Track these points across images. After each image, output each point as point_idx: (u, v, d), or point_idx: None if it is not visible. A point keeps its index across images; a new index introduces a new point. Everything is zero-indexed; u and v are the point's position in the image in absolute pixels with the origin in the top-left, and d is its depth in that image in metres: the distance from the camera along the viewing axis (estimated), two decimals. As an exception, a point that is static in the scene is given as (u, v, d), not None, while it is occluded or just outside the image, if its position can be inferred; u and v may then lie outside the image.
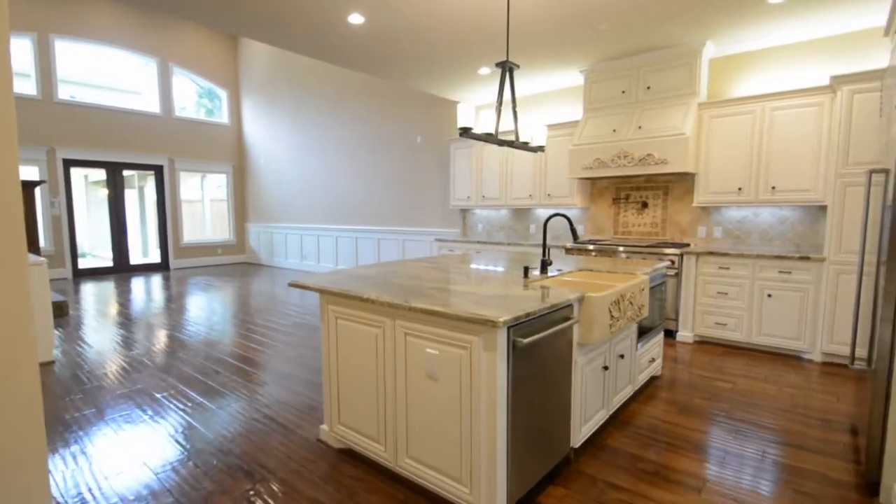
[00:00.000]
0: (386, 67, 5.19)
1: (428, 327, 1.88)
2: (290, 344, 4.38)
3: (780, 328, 3.86)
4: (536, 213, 6.08)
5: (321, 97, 8.81)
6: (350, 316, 2.23)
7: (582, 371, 2.28)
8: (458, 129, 2.86)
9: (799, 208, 4.15)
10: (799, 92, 3.83)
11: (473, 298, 1.97)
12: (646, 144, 4.42)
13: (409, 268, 2.96)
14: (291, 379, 3.49)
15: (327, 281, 2.42)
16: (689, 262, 4.25)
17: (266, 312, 5.73)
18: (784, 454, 2.39)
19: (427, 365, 1.90)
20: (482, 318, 1.65)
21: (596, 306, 2.17)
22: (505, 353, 1.74)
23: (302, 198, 9.54)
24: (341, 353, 2.31)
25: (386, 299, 1.98)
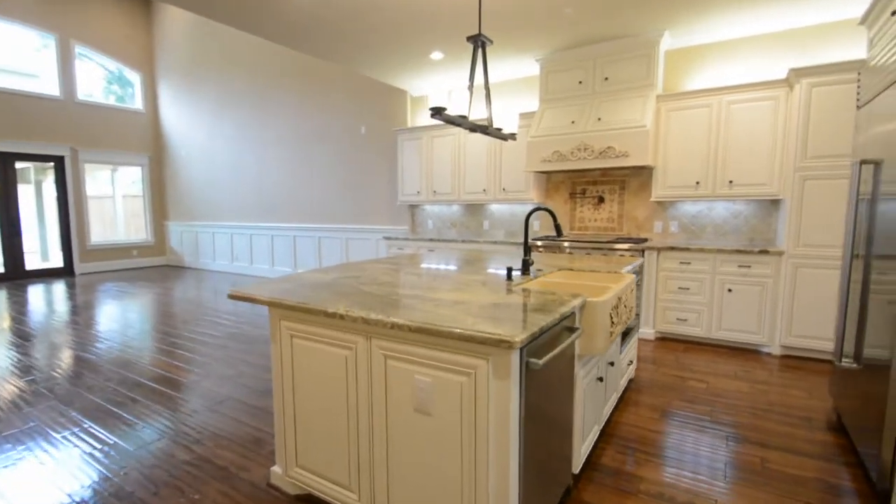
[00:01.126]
0: (327, 47, 4.64)
1: (417, 349, 1.49)
2: (226, 360, 3.74)
3: (739, 322, 3.84)
4: (490, 208, 5.80)
5: (252, 83, 7.95)
6: (311, 335, 1.79)
7: (582, 386, 1.98)
8: (430, 110, 2.50)
9: (752, 202, 4.17)
10: (755, 85, 3.81)
11: (466, 309, 1.59)
12: (606, 137, 4.26)
13: (372, 271, 2.52)
14: (229, 404, 2.92)
15: (279, 290, 1.94)
16: (650, 258, 4.15)
17: (193, 323, 4.97)
18: (781, 461, 2.25)
19: (416, 395, 1.51)
20: (494, 337, 1.28)
21: (599, 313, 1.88)
22: (518, 378, 1.39)
23: (232, 193, 8.61)
24: (299, 379, 1.85)
25: (359, 313, 1.56)
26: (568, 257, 3.27)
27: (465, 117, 2.68)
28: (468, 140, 5.50)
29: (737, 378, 3.28)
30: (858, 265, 2.34)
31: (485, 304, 1.67)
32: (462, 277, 2.30)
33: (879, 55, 2.26)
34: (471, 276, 2.36)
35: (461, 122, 2.72)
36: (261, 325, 4.85)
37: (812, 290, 3.53)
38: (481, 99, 5.61)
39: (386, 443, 1.62)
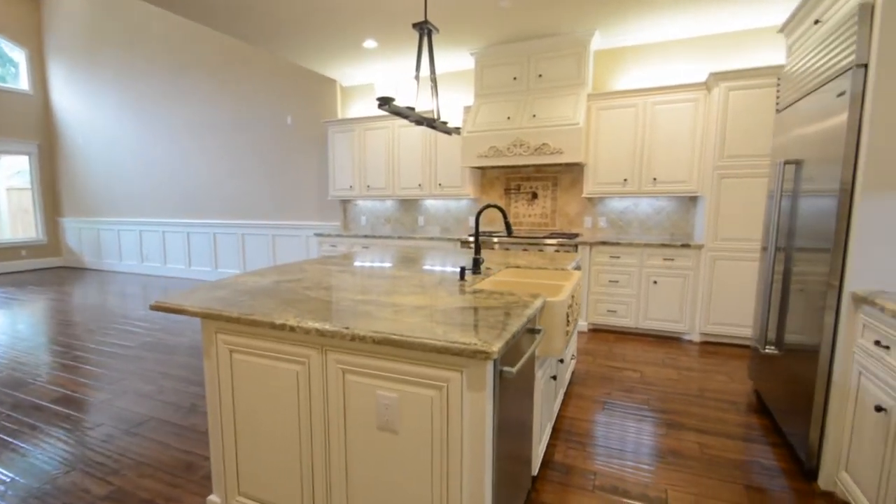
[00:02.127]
0: (251, 30, 4.15)
1: (381, 362, 1.31)
2: (142, 374, 3.23)
3: (664, 312, 3.98)
4: (425, 204, 5.60)
5: (164, 65, 7.04)
6: (254, 349, 1.54)
7: (540, 387, 1.85)
8: (378, 100, 2.28)
9: (673, 199, 4.34)
10: (677, 87, 3.94)
11: (430, 315, 1.41)
12: (541, 133, 4.21)
13: (315, 273, 2.23)
14: (150, 426, 2.49)
15: (212, 299, 1.65)
16: (582, 253, 4.18)
17: (99, 332, 4.26)
18: (718, 445, 2.28)
19: (379, 412, 1.33)
20: (470, 347, 1.13)
21: (557, 313, 1.75)
22: (492, 388, 1.23)
23: (140, 186, 7.61)
24: (241, 398, 1.59)
25: (313, 325, 1.33)
26: (506, 253, 3.16)
27: (412, 109, 2.46)
28: (402, 133, 5.24)
29: (665, 366, 3.37)
30: (780, 257, 2.44)
31: (448, 309, 1.50)
32: (414, 278, 2.09)
33: (798, 63, 2.35)
34: (422, 276, 2.15)
35: (409, 113, 2.50)
36: (179, 331, 4.28)
37: (728, 281, 3.73)
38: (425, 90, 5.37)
39: (345, 465, 1.42)
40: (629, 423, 2.51)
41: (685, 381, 3.09)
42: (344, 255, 3.07)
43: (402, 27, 4.06)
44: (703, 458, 2.17)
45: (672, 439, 2.34)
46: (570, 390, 2.93)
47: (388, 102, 2.33)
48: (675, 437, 2.36)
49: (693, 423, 2.52)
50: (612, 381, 3.09)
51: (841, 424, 1.84)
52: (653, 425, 2.49)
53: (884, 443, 1.54)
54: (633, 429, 2.45)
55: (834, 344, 1.86)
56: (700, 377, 3.16)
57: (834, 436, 1.87)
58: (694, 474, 2.04)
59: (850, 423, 1.78)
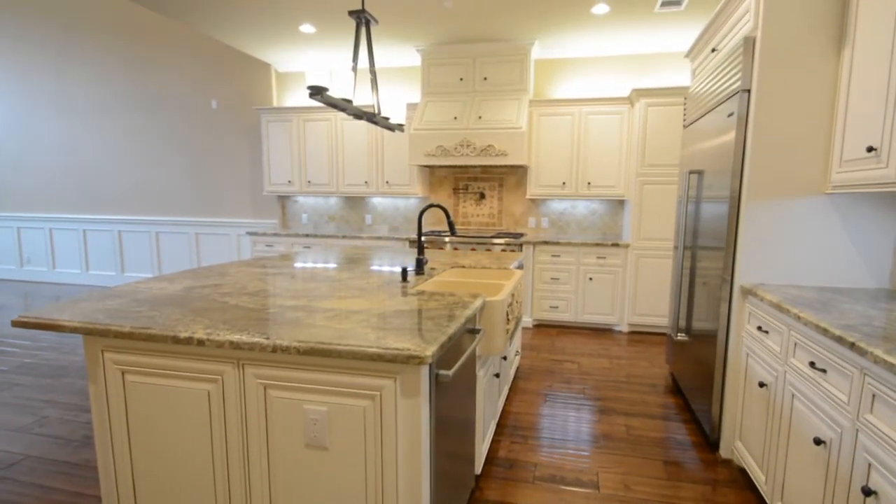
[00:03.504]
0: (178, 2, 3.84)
1: (307, 373, 1.27)
2: (17, 404, 2.77)
3: (598, 306, 4.34)
4: (372, 202, 5.65)
5: (55, 31, 6.04)
6: (154, 368, 1.40)
7: (482, 386, 2.02)
8: (308, 88, 2.18)
9: (605, 202, 4.72)
10: (605, 100, 4.30)
11: (366, 320, 1.45)
12: (487, 135, 4.43)
13: (239, 277, 2.18)
14: (25, 466, 2.13)
15: (99, 311, 1.50)
16: (527, 252, 4.45)
17: None
18: (640, 426, 2.58)
19: (307, 429, 1.29)
20: (403, 353, 1.16)
21: (497, 312, 1.93)
22: (428, 393, 1.31)
23: (17, 173, 6.53)
24: (138, 427, 1.45)
25: (226, 336, 1.26)
26: (454, 253, 3.33)
27: (349, 101, 2.48)
28: (346, 127, 5.18)
29: (599, 356, 3.70)
30: (688, 255, 2.78)
31: (386, 313, 1.55)
32: (353, 280, 2.16)
33: (700, 85, 2.69)
34: (363, 278, 2.24)
35: (345, 106, 2.49)
36: (71, 349, 3.74)
37: (650, 277, 4.14)
38: (366, 83, 5.40)
39: (269, 491, 1.37)
40: (568, 413, 2.76)
41: (615, 368, 3.42)
42: (282, 255, 3.00)
43: (342, 14, 3.96)
44: (628, 439, 2.45)
45: (604, 424, 2.61)
46: (515, 385, 3.15)
47: (320, 92, 2.22)
48: (606, 423, 2.63)
49: (621, 407, 2.82)
50: (554, 373, 3.36)
51: (735, 400, 2.17)
52: (588, 413, 2.76)
53: (766, 414, 1.86)
54: (571, 418, 2.70)
55: (728, 330, 2.18)
56: (627, 364, 3.50)
57: (730, 410, 2.20)
58: (621, 455, 2.30)
59: (742, 399, 2.11)
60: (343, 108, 2.52)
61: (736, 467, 2.18)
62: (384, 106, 3.01)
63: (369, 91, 5.24)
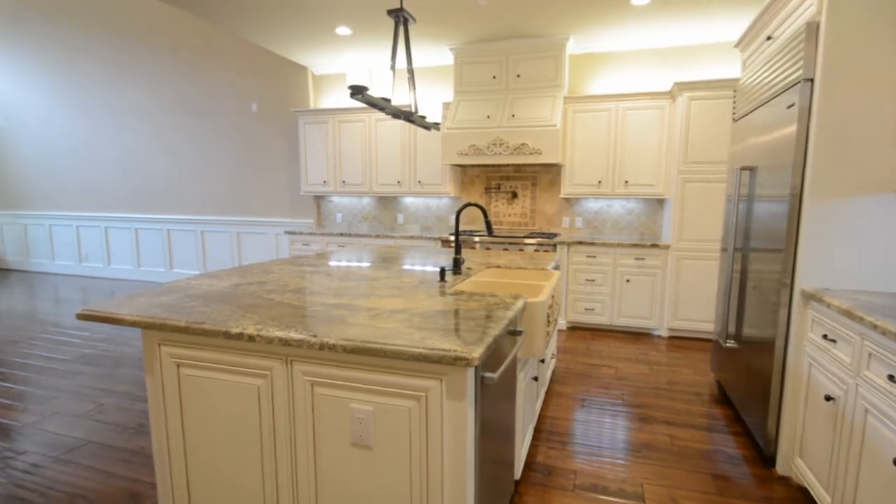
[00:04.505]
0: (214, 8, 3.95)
1: (353, 372, 1.27)
2: (78, 392, 2.92)
3: (636, 309, 4.18)
4: (405, 201, 5.65)
5: (111, 39, 6.36)
6: (206, 362, 1.43)
7: (522, 389, 1.96)
8: (349, 88, 2.19)
9: (644, 201, 4.55)
10: (644, 94, 4.14)
11: (408, 320, 1.42)
12: (520, 133, 4.34)
13: (281, 274, 2.20)
14: (87, 451, 2.24)
15: (155, 306, 1.55)
16: (562, 252, 4.34)
17: (25, 344, 3.82)
18: (686, 437, 2.45)
19: (353, 427, 1.29)
20: (450, 354, 1.13)
21: (538, 313, 1.86)
22: (473, 396, 1.27)
23: (77, 176, 6.94)
24: (192, 419, 1.49)
25: (276, 333, 1.28)
26: (487, 253, 3.27)
27: (388, 100, 2.47)
28: (379, 128, 5.23)
29: (638, 361, 3.56)
30: (738, 257, 2.63)
31: (427, 313, 1.53)
32: (391, 280, 2.14)
33: (752, 76, 2.53)
34: (400, 277, 2.21)
35: (384, 105, 2.49)
36: (126, 341, 3.91)
37: (692, 279, 3.96)
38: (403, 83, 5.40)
39: (315, 486, 1.37)
40: (606, 420, 2.65)
41: (655, 375, 3.28)
42: (318, 254, 3.02)
43: (378, 15, 3.97)
44: (673, 450, 2.33)
45: (645, 433, 2.50)
46: (550, 389, 3.07)
47: (361, 92, 2.22)
48: (647, 431, 2.52)
49: (663, 415, 2.69)
50: (590, 378, 3.25)
51: (795, 413, 2.02)
52: (627, 420, 2.64)
53: (833, 430, 1.72)
54: (609, 425, 2.59)
55: (787, 338, 2.04)
56: (668, 371, 3.35)
57: (789, 424, 2.05)
58: (666, 466, 2.19)
59: (803, 412, 1.96)
60: (382, 108, 2.51)
61: (795, 485, 2.03)
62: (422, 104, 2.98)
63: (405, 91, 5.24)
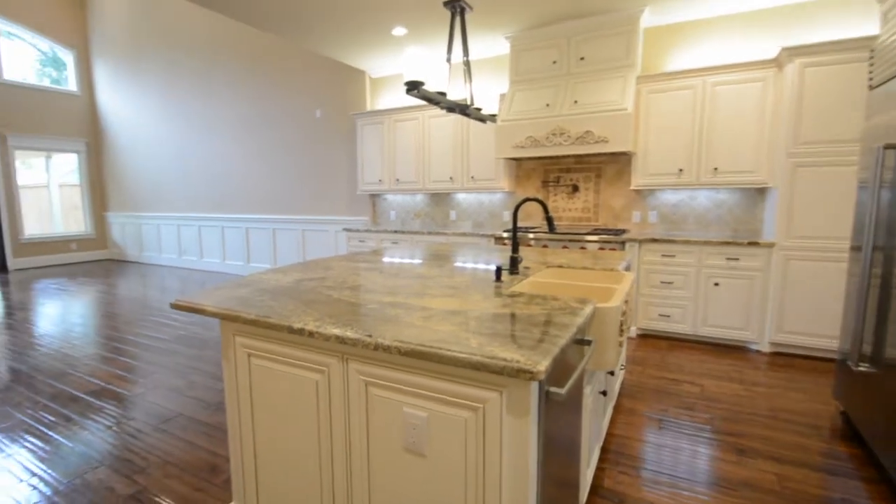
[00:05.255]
0: (277, 21, 4.06)
1: (407, 375, 1.15)
2: (175, 368, 3.25)
3: (726, 318, 3.59)
4: (457, 198, 5.38)
5: (198, 62, 7.16)
6: (272, 354, 1.42)
7: (588, 405, 1.61)
8: (406, 84, 2.16)
9: (737, 191, 3.93)
10: (742, 66, 3.54)
11: (464, 323, 1.24)
12: (584, 120, 3.91)
13: (340, 271, 2.09)
14: (179, 422, 2.48)
15: (232, 299, 1.56)
16: (631, 251, 3.85)
17: (138, 325, 4.38)
18: (799, 478, 1.95)
19: (406, 432, 1.17)
20: (512, 365, 0.96)
21: (610, 321, 1.49)
22: (537, 413, 1.05)
23: (178, 181, 7.80)
24: (259, 407, 1.49)
25: (333, 330, 1.20)
26: (545, 251, 2.90)
27: (443, 94, 2.29)
28: (433, 124, 5.05)
29: (730, 379, 3.01)
30: (878, 258, 2.07)
31: (484, 316, 1.31)
32: (445, 278, 1.90)
33: (903, 22, 1.97)
34: (454, 276, 1.95)
35: (440, 99, 2.36)
36: (212, 325, 4.33)
37: (804, 284, 3.30)
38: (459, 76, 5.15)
39: (368, 487, 1.27)
40: (688, 445, 2.21)
41: (754, 398, 2.74)
42: (373, 251, 2.92)
43: (433, 11, 3.84)
44: (781, 493, 1.85)
45: (744, 468, 2.03)
46: (619, 404, 2.65)
47: (416, 87, 2.19)
48: (746, 466, 2.05)
49: (767, 449, 2.19)
50: (668, 394, 2.78)
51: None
52: (718, 450, 2.18)
53: None
54: (694, 453, 2.15)
55: (962, 365, 1.51)
56: (771, 394, 2.79)
57: (960, 479, 1.52)
58: (772, 514, 1.74)
59: None
60: (437, 102, 2.37)
61: (969, 564, 1.51)
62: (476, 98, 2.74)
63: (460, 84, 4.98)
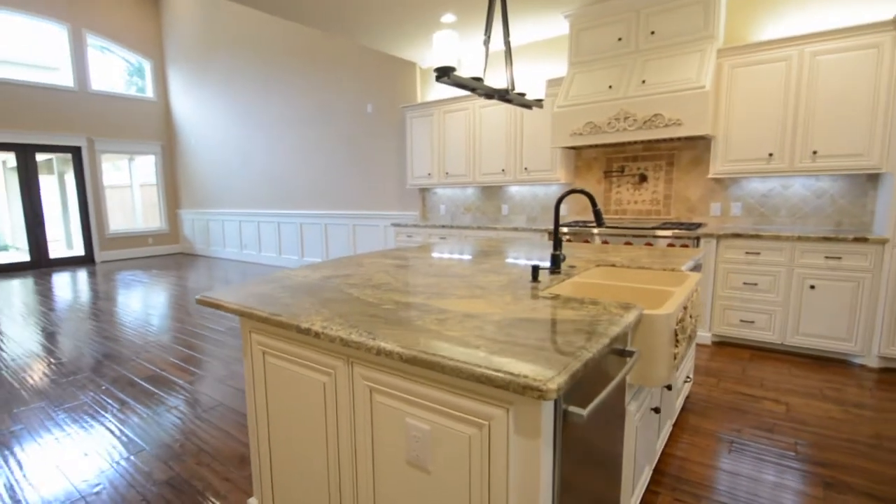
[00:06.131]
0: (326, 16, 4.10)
1: (411, 384, 1.08)
2: (222, 358, 3.44)
3: (824, 326, 3.14)
4: (509, 191, 5.20)
5: (257, 66, 7.55)
6: (284, 353, 1.42)
7: (634, 423, 1.42)
8: (435, 71, 2.01)
9: (841, 178, 3.42)
10: (849, 31, 3.05)
11: (479, 329, 1.14)
12: (653, 102, 3.58)
13: (370, 268, 2.05)
14: (219, 412, 2.61)
15: (251, 296, 1.56)
16: (707, 247, 3.48)
17: (197, 315, 4.71)
18: (916, 533, 1.62)
19: (409, 445, 1.10)
20: (517, 381, 0.85)
21: (660, 330, 1.30)
22: (551, 434, 0.92)
23: (240, 179, 8.30)
24: (273, 406, 1.51)
25: (338, 332, 1.16)
26: (602, 248, 2.68)
27: (479, 80, 2.18)
28: (484, 114, 4.90)
29: (825, 398, 2.62)
30: None
31: (505, 321, 1.20)
32: (477, 277, 1.79)
33: None
34: (487, 275, 1.83)
35: (475, 85, 2.23)
36: None
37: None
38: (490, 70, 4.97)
39: (373, 497, 1.24)
40: (764, 475, 1.92)
41: (854, 422, 2.35)
42: (420, 246, 2.87)
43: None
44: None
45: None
46: (682, 421, 2.38)
47: (447, 73, 2.04)
48: (833, 502, 1.74)
49: (862, 483, 1.86)
50: (744, 413, 2.46)
51: None
52: (803, 481, 1.88)
53: None
54: (772, 483, 1.87)
55: None
56: (878, 419, 2.38)
57: None
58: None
59: None
60: (473, 88, 2.25)
61: None
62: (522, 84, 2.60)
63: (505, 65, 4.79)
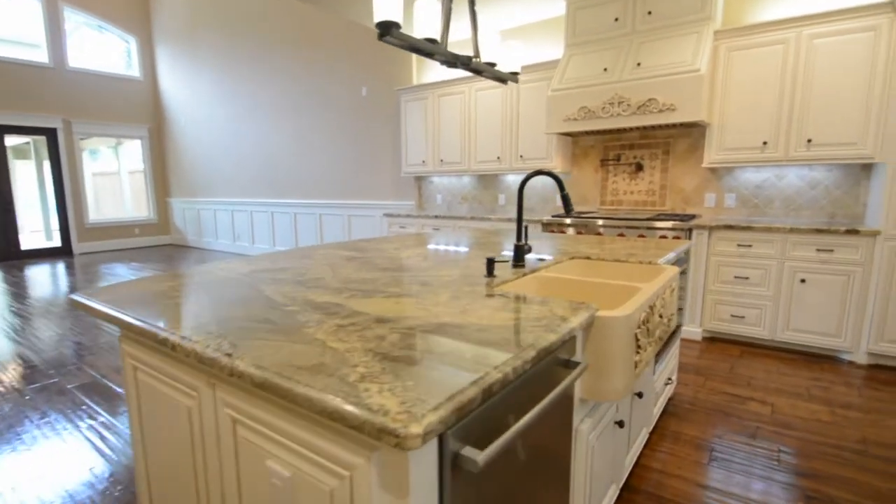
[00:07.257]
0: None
1: (269, 416, 0.90)
2: None
3: (814, 322, 3.12)
4: (506, 179, 5.16)
5: (250, 46, 7.43)
6: (151, 368, 1.23)
7: (587, 443, 1.39)
8: (376, 26, 1.75)
9: (836, 168, 3.37)
10: (847, 12, 2.98)
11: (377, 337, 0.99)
12: (646, 86, 3.52)
13: (316, 259, 1.97)
14: None
15: (137, 295, 1.39)
16: (699, 239, 3.45)
17: None
18: (887, 539, 1.62)
19: (271, 494, 0.92)
20: (372, 420, 0.67)
21: (616, 335, 1.27)
22: (435, 488, 0.78)
23: (232, 166, 8.24)
24: (147, 427, 1.33)
25: (195, 346, 0.98)
26: (596, 239, 2.65)
27: (434, 42, 1.95)
28: (479, 98, 4.84)
29: (811, 398, 2.61)
30: None
31: (419, 327, 1.07)
32: (430, 271, 1.73)
33: None
34: (444, 268, 1.78)
35: (431, 49, 1.95)
36: None
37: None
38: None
39: None
40: (743, 489, 1.91)
41: (840, 424, 2.34)
42: (406, 236, 2.83)
43: None
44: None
45: (810, 517, 1.72)
46: (661, 426, 2.38)
47: (388, 31, 1.76)
48: (815, 515, 1.74)
49: (848, 498, 1.84)
50: (727, 416, 2.45)
51: None
52: (781, 495, 1.87)
53: None
54: (752, 501, 1.86)
55: None
56: (864, 421, 2.37)
57: None
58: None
59: None
60: (430, 53, 2.04)
61: None
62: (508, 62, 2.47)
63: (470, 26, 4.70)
